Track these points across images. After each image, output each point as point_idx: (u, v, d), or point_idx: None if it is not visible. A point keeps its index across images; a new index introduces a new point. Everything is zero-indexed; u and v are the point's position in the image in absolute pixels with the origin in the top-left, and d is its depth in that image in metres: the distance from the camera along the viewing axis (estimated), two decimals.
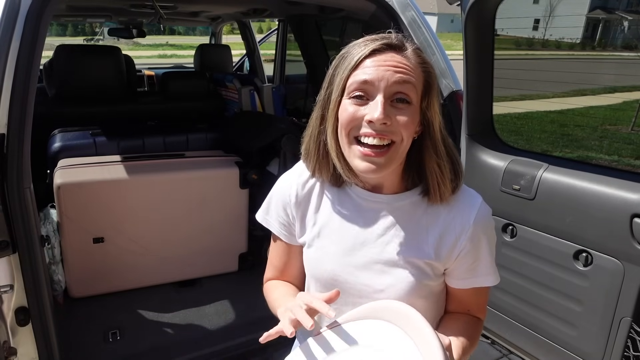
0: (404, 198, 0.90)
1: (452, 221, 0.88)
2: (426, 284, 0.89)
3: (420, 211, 0.90)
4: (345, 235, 0.93)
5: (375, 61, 0.80)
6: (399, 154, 0.82)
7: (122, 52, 2.67)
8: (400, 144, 0.81)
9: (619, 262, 1.37)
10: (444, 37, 16.72)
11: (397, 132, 0.80)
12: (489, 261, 0.91)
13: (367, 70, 0.79)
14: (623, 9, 29.22)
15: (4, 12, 1.24)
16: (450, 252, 0.89)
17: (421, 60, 0.83)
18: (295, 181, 0.98)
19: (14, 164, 1.26)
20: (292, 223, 1.00)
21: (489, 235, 0.91)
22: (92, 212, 2.06)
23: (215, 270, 2.42)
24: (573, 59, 16.45)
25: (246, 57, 4.55)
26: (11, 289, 1.34)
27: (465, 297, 0.96)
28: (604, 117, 8.14)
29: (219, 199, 2.31)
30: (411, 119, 0.81)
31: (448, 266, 0.91)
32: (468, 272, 0.91)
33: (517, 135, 7.03)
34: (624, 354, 1.40)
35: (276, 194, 1.01)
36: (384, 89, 0.79)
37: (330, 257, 0.93)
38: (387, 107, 0.79)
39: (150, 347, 1.89)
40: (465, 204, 0.89)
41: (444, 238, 0.88)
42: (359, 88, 0.80)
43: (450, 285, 0.94)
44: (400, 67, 0.80)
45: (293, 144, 2.37)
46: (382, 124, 0.78)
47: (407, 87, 0.79)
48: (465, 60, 1.64)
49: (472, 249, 0.88)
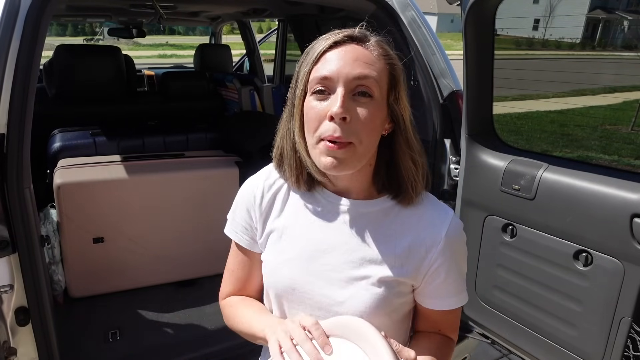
0: (373, 205, 0.86)
1: (422, 232, 0.84)
2: (390, 300, 0.84)
3: (388, 220, 0.85)
4: (307, 241, 0.87)
5: (336, 53, 0.77)
6: (358, 155, 0.78)
7: (122, 52, 2.67)
8: (358, 145, 0.76)
9: (619, 262, 1.36)
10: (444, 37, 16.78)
11: (354, 133, 0.76)
12: (461, 279, 0.87)
13: (327, 65, 0.77)
14: (623, 9, 29.21)
15: (3, 12, 1.24)
16: (418, 266, 0.84)
17: (384, 52, 0.80)
18: (262, 183, 0.94)
19: (13, 164, 1.25)
20: (254, 227, 0.94)
21: (461, 251, 0.87)
22: (92, 212, 2.06)
23: (215, 270, 2.40)
24: (573, 58, 16.45)
25: (246, 57, 4.55)
26: (11, 289, 1.34)
27: (435, 317, 0.91)
28: (604, 117, 8.14)
29: (219, 199, 2.30)
30: (372, 115, 0.77)
31: (417, 283, 0.86)
32: (437, 290, 0.86)
33: (517, 135, 7.04)
34: (624, 354, 1.40)
35: (241, 197, 0.97)
36: (344, 83, 0.75)
37: (289, 263, 0.87)
38: (347, 100, 0.75)
39: (150, 347, 1.89)
40: (436, 216, 0.85)
41: (413, 250, 0.84)
42: (319, 82, 0.77)
43: (420, 304, 0.89)
44: (361, 59, 0.77)
45: None
46: (342, 119, 0.74)
47: (368, 81, 0.76)
48: (465, 60, 1.63)
49: (443, 264, 0.84)
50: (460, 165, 1.79)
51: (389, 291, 0.83)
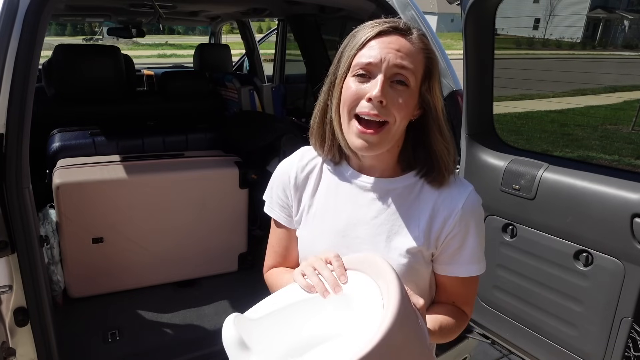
0: (399, 182, 0.93)
1: (441, 204, 0.90)
2: (416, 269, 0.91)
3: (413, 195, 0.92)
4: (339, 217, 0.95)
5: (380, 42, 0.84)
6: (391, 134, 0.85)
7: (121, 52, 2.67)
8: (392, 124, 0.84)
9: (619, 262, 1.36)
10: (444, 36, 16.78)
11: (390, 114, 0.83)
12: (475, 249, 0.92)
13: (372, 51, 0.83)
14: (623, 8, 29.21)
15: (2, 12, 1.23)
16: (438, 235, 0.90)
17: (424, 45, 0.87)
18: (296, 164, 1.01)
19: (12, 164, 1.25)
20: (290, 205, 1.02)
21: (477, 223, 0.92)
22: (91, 212, 2.06)
23: (215, 270, 2.41)
24: (573, 58, 16.44)
25: (246, 57, 4.55)
26: (10, 290, 1.33)
27: (450, 287, 0.96)
28: (604, 116, 8.14)
29: (218, 199, 2.30)
30: (406, 101, 0.83)
31: (436, 251, 0.92)
32: (452, 257, 0.92)
33: (517, 135, 7.04)
34: (625, 354, 1.39)
35: (277, 177, 1.04)
36: (385, 70, 0.82)
37: (323, 237, 0.96)
38: (385, 86, 0.82)
39: (149, 347, 1.89)
40: (455, 190, 0.91)
41: (433, 221, 0.90)
42: (362, 67, 0.83)
43: (436, 272, 0.95)
44: (403, 50, 0.83)
45: (293, 144, 2.37)
46: (379, 102, 0.81)
47: (406, 71, 0.83)
48: (465, 60, 1.63)
49: (459, 234, 0.90)
50: (461, 165, 1.78)
51: (415, 260, 0.90)
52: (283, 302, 0.78)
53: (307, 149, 1.03)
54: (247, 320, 0.75)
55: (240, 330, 0.71)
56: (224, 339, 0.71)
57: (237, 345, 0.70)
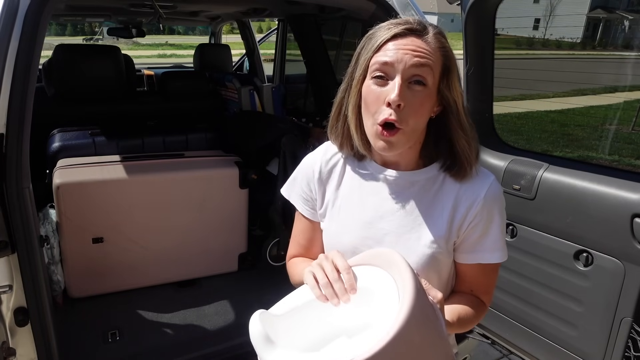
0: (421, 174, 0.95)
1: (463, 194, 0.92)
2: (439, 259, 0.93)
3: (436, 187, 0.94)
4: (364, 210, 0.97)
5: (396, 44, 0.85)
6: (407, 136, 0.87)
7: (121, 52, 2.67)
8: (406, 128, 0.86)
9: (619, 262, 1.36)
10: None
11: (405, 120, 0.85)
12: (497, 237, 0.93)
13: (388, 53, 0.85)
14: (624, 9, 29.20)
15: (2, 12, 1.23)
16: (460, 224, 0.92)
17: (440, 44, 0.88)
18: (320, 158, 1.04)
19: (13, 164, 1.25)
20: (314, 199, 1.04)
21: (498, 212, 0.93)
22: (92, 212, 2.06)
23: (215, 270, 2.41)
24: (573, 58, 16.43)
25: (246, 57, 4.55)
26: (10, 289, 1.33)
27: (470, 276, 0.98)
28: (604, 116, 8.14)
29: (218, 199, 2.30)
30: (423, 102, 0.86)
31: (457, 239, 0.94)
32: (474, 245, 0.93)
33: (517, 135, 7.04)
34: (625, 354, 1.39)
35: (301, 171, 1.07)
36: (402, 71, 0.84)
37: (349, 230, 0.98)
38: (403, 88, 0.84)
39: (150, 347, 1.89)
40: (477, 179, 0.93)
41: (456, 211, 0.92)
42: (379, 69, 0.86)
43: (457, 261, 0.97)
44: (419, 51, 0.85)
45: (293, 144, 2.37)
46: (397, 106, 0.83)
47: (423, 70, 0.84)
48: (465, 60, 1.63)
49: (480, 223, 0.91)
50: None
51: (439, 250, 0.92)
52: (305, 298, 0.81)
53: (330, 143, 1.04)
54: (271, 316, 0.78)
55: (265, 326, 0.74)
56: (251, 333, 0.74)
57: (263, 340, 0.73)
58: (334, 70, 2.83)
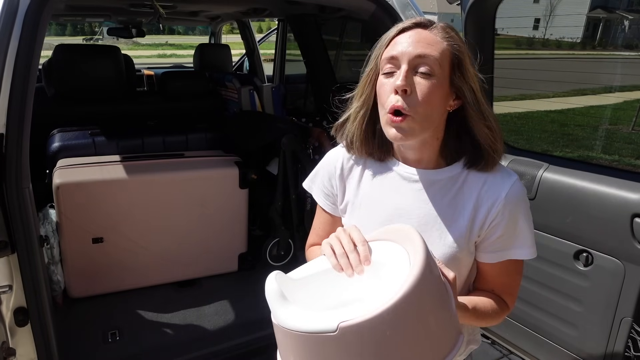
0: (443, 173, 0.94)
1: (485, 194, 0.91)
2: (461, 258, 0.93)
3: (457, 186, 0.93)
4: (384, 207, 0.97)
5: (402, 37, 0.88)
6: (419, 124, 0.86)
7: (121, 52, 2.67)
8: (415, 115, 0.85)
9: (619, 262, 1.36)
10: None
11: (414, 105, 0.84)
12: (523, 235, 0.93)
13: (396, 47, 0.87)
14: (624, 9, 29.18)
15: (2, 12, 1.23)
16: (482, 224, 0.91)
17: (447, 34, 0.88)
18: (342, 154, 1.04)
19: (12, 164, 1.25)
20: (335, 194, 1.05)
21: (522, 211, 0.92)
22: (91, 212, 2.06)
23: (215, 270, 2.41)
24: (573, 58, 16.42)
25: (246, 57, 4.55)
26: (10, 290, 1.33)
27: (490, 275, 0.97)
28: (604, 116, 8.13)
29: (218, 199, 2.30)
30: (431, 89, 0.84)
31: (477, 239, 0.93)
32: (494, 245, 0.92)
33: (517, 135, 7.03)
34: (625, 354, 1.39)
35: (324, 166, 1.07)
36: (408, 61, 0.85)
37: (369, 227, 0.96)
38: (409, 75, 0.84)
39: (149, 347, 1.89)
40: (499, 178, 0.92)
41: (478, 211, 0.91)
42: (389, 62, 0.88)
43: (479, 260, 0.96)
44: (423, 40, 0.86)
45: (293, 144, 2.37)
46: (403, 91, 0.84)
47: (428, 59, 0.84)
48: None
49: (502, 222, 0.91)
50: None
51: (459, 250, 0.92)
52: (322, 267, 0.82)
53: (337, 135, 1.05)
54: (287, 279, 0.79)
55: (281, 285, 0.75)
56: (266, 290, 0.75)
57: (278, 297, 0.74)
58: (334, 70, 2.83)
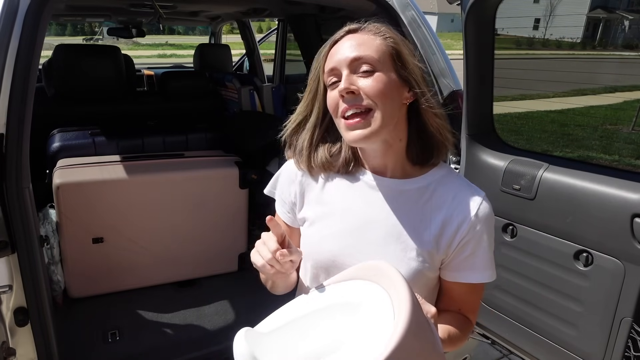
0: (412, 183, 0.92)
1: (455, 210, 0.89)
2: (425, 273, 0.90)
3: (425, 198, 0.91)
4: (349, 217, 0.93)
5: (336, 47, 0.89)
6: (379, 118, 0.84)
7: (121, 52, 2.67)
8: (376, 108, 0.84)
9: (619, 262, 1.36)
10: (444, 36, 16.81)
11: (368, 99, 0.84)
12: (487, 257, 0.91)
13: (332, 58, 0.89)
14: (624, 9, 29.18)
15: (2, 12, 1.23)
16: (450, 242, 0.89)
17: (378, 31, 0.89)
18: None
19: (13, 164, 1.25)
20: (294, 202, 1.01)
21: (489, 230, 0.91)
22: (92, 212, 2.06)
23: (215, 270, 2.41)
24: (573, 58, 16.42)
25: (246, 57, 4.55)
26: (10, 290, 1.33)
27: (458, 294, 0.95)
28: (604, 116, 8.14)
29: (218, 199, 2.30)
30: (378, 81, 0.84)
31: (446, 257, 0.91)
32: (464, 263, 0.91)
33: (517, 135, 7.03)
34: (625, 354, 1.39)
35: (284, 171, 1.03)
36: (346, 66, 0.86)
37: (332, 237, 0.94)
38: (351, 78, 0.85)
39: (149, 347, 1.89)
40: (469, 196, 0.91)
41: (446, 227, 0.89)
42: (330, 75, 0.88)
43: (445, 279, 0.94)
44: (355, 43, 0.87)
45: None
46: (349, 93, 0.84)
47: (366, 58, 0.85)
48: (465, 60, 1.63)
49: (471, 241, 0.89)
50: (461, 165, 1.78)
51: (424, 264, 0.89)
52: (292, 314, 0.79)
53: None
54: (257, 334, 0.76)
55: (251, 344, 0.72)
56: (235, 354, 0.72)
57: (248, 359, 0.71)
58: None
